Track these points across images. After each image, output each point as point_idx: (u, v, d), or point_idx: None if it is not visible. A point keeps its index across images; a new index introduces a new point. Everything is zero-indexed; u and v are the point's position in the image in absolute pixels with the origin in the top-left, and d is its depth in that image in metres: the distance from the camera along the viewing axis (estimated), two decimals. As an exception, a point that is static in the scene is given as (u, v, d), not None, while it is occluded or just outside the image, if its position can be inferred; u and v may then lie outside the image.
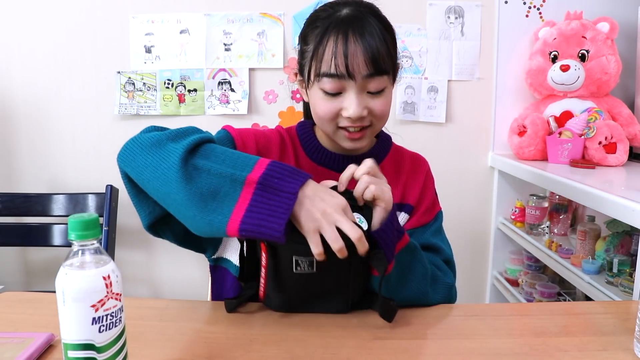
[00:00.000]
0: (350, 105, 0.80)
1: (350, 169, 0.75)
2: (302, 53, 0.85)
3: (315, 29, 0.81)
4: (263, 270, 0.76)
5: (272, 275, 0.76)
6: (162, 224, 0.79)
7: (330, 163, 0.91)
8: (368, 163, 0.74)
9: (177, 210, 0.70)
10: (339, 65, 0.78)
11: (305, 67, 0.84)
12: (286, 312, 0.78)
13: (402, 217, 0.93)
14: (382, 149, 0.97)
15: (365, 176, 0.72)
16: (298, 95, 1.92)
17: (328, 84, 0.80)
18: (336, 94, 0.81)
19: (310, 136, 0.93)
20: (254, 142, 0.88)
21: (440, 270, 0.87)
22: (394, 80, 0.88)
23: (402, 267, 0.78)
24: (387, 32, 0.82)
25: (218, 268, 0.91)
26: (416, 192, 0.94)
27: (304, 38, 0.85)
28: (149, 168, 0.70)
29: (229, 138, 0.88)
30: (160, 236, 0.81)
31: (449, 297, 0.87)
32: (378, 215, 0.73)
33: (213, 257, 0.92)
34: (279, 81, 1.90)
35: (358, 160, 0.88)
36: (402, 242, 0.77)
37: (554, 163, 1.70)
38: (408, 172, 0.96)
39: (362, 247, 0.66)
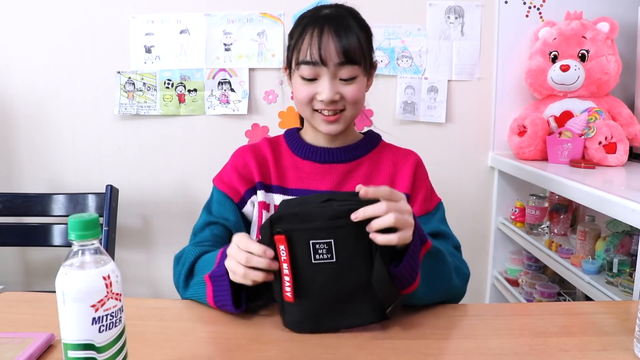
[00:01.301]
0: (324, 89, 0.90)
1: (364, 188, 0.69)
2: (288, 47, 0.96)
3: (299, 26, 0.92)
4: (286, 265, 0.70)
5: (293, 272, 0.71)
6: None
7: (313, 156, 0.98)
8: (383, 188, 0.70)
9: None
10: (314, 54, 0.88)
11: (290, 59, 0.94)
12: (312, 330, 0.71)
13: None
14: (368, 143, 1.01)
15: (384, 203, 0.68)
16: (298, 95, 1.92)
17: (305, 70, 0.90)
18: (312, 79, 0.91)
19: (295, 137, 1.02)
20: (236, 174, 0.98)
21: (457, 260, 0.89)
22: (367, 73, 0.95)
23: (427, 272, 0.77)
24: (361, 30, 0.91)
25: None
26: (406, 181, 0.96)
27: (290, 35, 0.96)
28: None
29: (220, 194, 0.98)
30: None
31: (465, 286, 0.88)
32: (403, 240, 0.70)
33: None
34: (279, 81, 1.90)
35: (340, 153, 0.97)
36: (425, 248, 0.76)
37: (554, 163, 1.70)
38: (395, 164, 0.99)
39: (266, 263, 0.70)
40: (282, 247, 0.69)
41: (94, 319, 0.52)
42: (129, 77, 1.90)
